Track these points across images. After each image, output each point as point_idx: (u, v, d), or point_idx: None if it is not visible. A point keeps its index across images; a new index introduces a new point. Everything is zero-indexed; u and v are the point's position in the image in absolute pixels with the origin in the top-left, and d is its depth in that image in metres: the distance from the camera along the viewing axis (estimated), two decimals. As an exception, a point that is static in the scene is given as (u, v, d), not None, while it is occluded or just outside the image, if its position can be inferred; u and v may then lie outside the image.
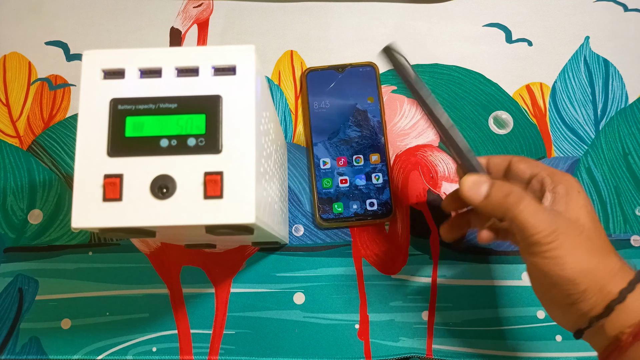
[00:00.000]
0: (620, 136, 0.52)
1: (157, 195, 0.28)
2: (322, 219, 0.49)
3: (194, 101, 0.29)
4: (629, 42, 0.55)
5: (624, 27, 0.55)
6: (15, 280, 0.48)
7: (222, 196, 0.28)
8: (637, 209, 0.50)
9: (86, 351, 0.46)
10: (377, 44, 0.55)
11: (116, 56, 0.29)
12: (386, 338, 0.46)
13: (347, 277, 0.48)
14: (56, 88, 0.54)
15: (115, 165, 0.28)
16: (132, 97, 0.29)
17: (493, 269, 0.48)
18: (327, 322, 0.47)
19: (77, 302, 0.48)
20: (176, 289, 0.48)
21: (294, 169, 0.51)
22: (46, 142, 0.53)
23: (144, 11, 0.57)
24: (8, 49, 0.56)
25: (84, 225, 0.28)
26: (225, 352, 0.46)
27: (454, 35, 0.55)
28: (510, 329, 0.46)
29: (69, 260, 0.49)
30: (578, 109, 0.53)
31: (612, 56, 0.54)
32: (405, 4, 0.57)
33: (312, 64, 0.54)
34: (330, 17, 0.56)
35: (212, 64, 0.29)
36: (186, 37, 0.56)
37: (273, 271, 0.48)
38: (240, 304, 0.47)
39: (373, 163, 0.50)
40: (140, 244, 0.49)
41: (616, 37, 0.55)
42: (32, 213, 0.50)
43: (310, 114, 0.52)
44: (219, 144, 0.28)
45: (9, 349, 0.47)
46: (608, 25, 0.55)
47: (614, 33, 0.55)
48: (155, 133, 0.28)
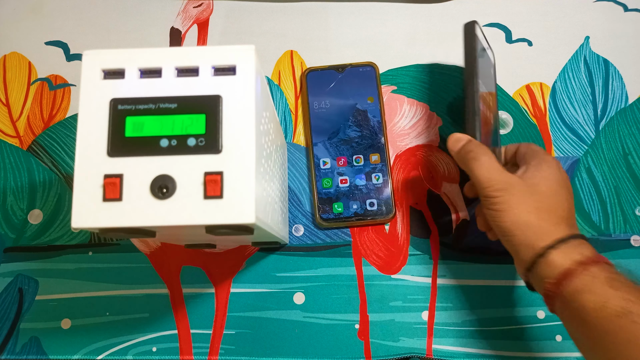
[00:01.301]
0: (620, 136, 0.52)
1: (157, 195, 0.28)
2: (322, 219, 0.49)
3: (194, 101, 0.29)
4: (629, 42, 0.55)
5: (624, 27, 0.55)
6: (15, 280, 0.48)
7: (222, 196, 0.28)
8: (637, 209, 0.50)
9: (86, 351, 0.46)
10: (377, 44, 0.55)
11: (116, 56, 0.29)
12: (386, 338, 0.46)
13: (347, 277, 0.48)
14: (56, 88, 0.54)
15: (115, 165, 0.28)
16: (132, 97, 0.29)
17: (493, 269, 0.48)
18: (327, 322, 0.47)
19: (77, 302, 0.48)
20: (176, 289, 0.48)
21: (294, 169, 0.51)
22: (46, 142, 0.53)
23: (144, 11, 0.57)
24: (8, 49, 0.56)
25: (84, 225, 0.28)
26: (225, 352, 0.46)
27: (454, 35, 0.55)
28: (510, 329, 0.46)
29: (69, 260, 0.49)
30: (578, 109, 0.53)
31: (612, 56, 0.54)
32: (405, 4, 0.57)
33: (312, 64, 0.54)
34: (330, 17, 0.56)
35: (212, 64, 0.29)
36: (186, 37, 0.56)
37: (273, 271, 0.48)
38: (240, 304, 0.47)
39: (373, 163, 0.50)
40: (140, 244, 0.49)
41: (616, 37, 0.55)
42: (32, 213, 0.50)
43: (310, 114, 0.52)
44: (219, 144, 0.28)
45: (9, 349, 0.47)
46: (608, 25, 0.55)
47: (614, 33, 0.55)
48: (155, 133, 0.28)
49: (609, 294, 0.33)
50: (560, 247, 0.36)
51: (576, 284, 0.34)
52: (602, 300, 0.33)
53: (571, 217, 0.39)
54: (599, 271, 0.34)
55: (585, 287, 0.34)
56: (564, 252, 0.36)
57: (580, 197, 0.50)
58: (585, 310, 0.33)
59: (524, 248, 0.37)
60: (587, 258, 0.35)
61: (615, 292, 0.33)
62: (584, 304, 0.33)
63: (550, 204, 0.38)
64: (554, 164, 0.40)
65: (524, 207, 0.37)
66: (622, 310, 0.32)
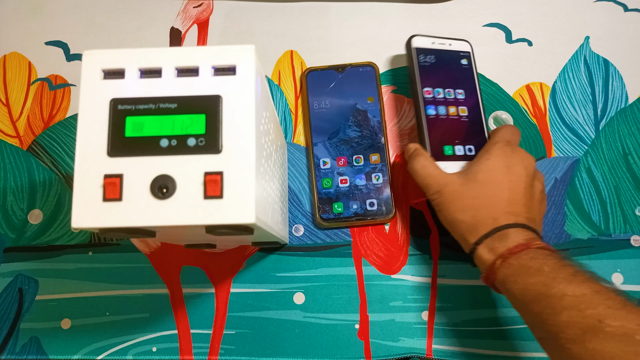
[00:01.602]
0: (620, 136, 0.52)
1: (157, 195, 0.28)
2: (322, 219, 0.49)
3: (194, 101, 0.29)
4: (629, 42, 0.55)
5: (624, 27, 0.55)
6: (15, 280, 0.48)
7: (222, 196, 0.28)
8: (637, 209, 0.50)
9: (86, 351, 0.46)
10: (377, 44, 0.55)
11: (116, 56, 0.29)
12: (386, 338, 0.46)
13: (347, 277, 0.48)
14: (56, 88, 0.54)
15: (115, 165, 0.28)
16: (132, 97, 0.29)
17: (493, 269, 0.48)
18: (327, 322, 0.47)
19: (77, 302, 0.48)
20: (176, 289, 0.48)
21: (294, 169, 0.51)
22: (46, 142, 0.53)
23: (144, 11, 0.57)
24: (8, 49, 0.56)
25: (84, 225, 0.28)
26: (225, 352, 0.46)
27: (454, 35, 0.55)
28: (510, 329, 0.46)
29: (69, 260, 0.49)
30: (578, 109, 0.53)
31: (612, 56, 0.54)
32: (405, 4, 0.57)
33: (312, 64, 0.54)
34: (330, 17, 0.56)
35: (212, 64, 0.29)
36: (186, 37, 0.56)
37: (273, 271, 0.48)
38: (240, 304, 0.47)
39: (373, 163, 0.50)
40: (140, 244, 0.49)
41: (616, 37, 0.55)
42: (32, 213, 0.50)
43: (310, 114, 0.52)
44: (219, 144, 0.28)
45: (9, 349, 0.47)
46: (608, 25, 0.55)
47: (614, 33, 0.55)
48: (155, 133, 0.28)
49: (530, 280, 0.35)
50: (485, 242, 0.39)
51: (500, 275, 0.37)
52: (524, 287, 0.36)
53: (513, 205, 0.40)
54: (518, 260, 0.37)
55: (509, 278, 0.37)
56: (488, 247, 0.39)
57: (580, 197, 0.50)
58: (514, 297, 0.36)
59: (462, 243, 0.41)
60: (507, 249, 0.37)
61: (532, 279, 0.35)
62: (512, 292, 0.36)
63: (487, 196, 0.40)
64: (497, 152, 0.42)
65: (458, 206, 0.41)
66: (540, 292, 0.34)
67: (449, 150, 0.46)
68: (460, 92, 0.49)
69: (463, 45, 0.51)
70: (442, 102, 0.48)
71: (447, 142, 0.47)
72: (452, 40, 0.51)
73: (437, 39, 0.50)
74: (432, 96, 0.48)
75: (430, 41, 0.50)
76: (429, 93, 0.48)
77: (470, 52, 0.51)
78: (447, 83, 0.49)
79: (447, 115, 0.48)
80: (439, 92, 0.48)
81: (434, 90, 0.48)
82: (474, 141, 0.47)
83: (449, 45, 0.51)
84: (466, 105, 0.49)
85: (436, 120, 0.47)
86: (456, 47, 0.51)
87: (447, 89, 0.49)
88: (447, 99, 0.48)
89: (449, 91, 0.49)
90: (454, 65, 0.50)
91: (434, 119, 0.47)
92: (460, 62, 0.51)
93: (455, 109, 0.48)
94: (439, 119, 0.47)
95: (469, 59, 0.51)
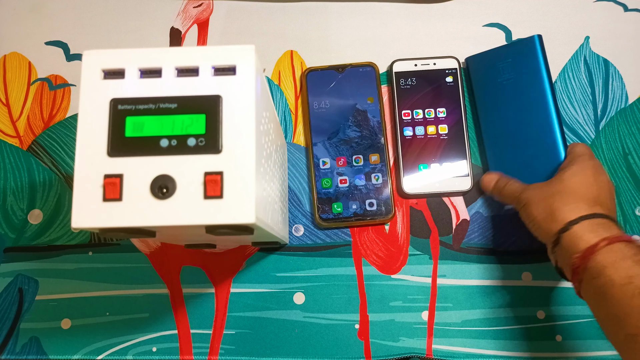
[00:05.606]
0: (620, 136, 0.52)
1: (157, 195, 0.28)
2: (322, 219, 0.49)
3: (194, 101, 0.29)
4: (629, 42, 0.55)
5: (624, 27, 0.55)
6: (15, 280, 0.49)
7: (222, 196, 0.28)
8: (637, 209, 0.50)
9: (86, 351, 0.46)
10: (377, 44, 0.55)
11: (116, 56, 0.29)
12: (386, 338, 0.46)
13: (347, 277, 0.48)
14: (56, 88, 0.54)
15: (115, 165, 0.28)
16: (132, 97, 0.29)
17: (493, 269, 0.48)
18: (327, 322, 0.47)
19: (77, 302, 0.48)
20: (176, 289, 0.48)
21: (294, 169, 0.51)
22: (46, 142, 0.53)
23: (144, 11, 0.57)
24: (8, 49, 0.56)
25: (84, 225, 0.28)
26: (225, 352, 0.46)
27: (454, 35, 0.55)
28: (510, 329, 0.46)
29: (69, 260, 0.49)
30: (578, 109, 0.53)
31: (612, 56, 0.54)
32: (405, 4, 0.57)
33: (312, 64, 0.54)
34: (330, 17, 0.56)
35: (212, 64, 0.29)
36: (186, 37, 0.56)
37: (273, 271, 0.48)
38: (240, 304, 0.47)
39: (373, 163, 0.50)
40: (140, 244, 0.49)
41: (616, 37, 0.55)
42: (32, 213, 0.50)
43: (310, 114, 0.52)
44: (219, 144, 0.28)
45: (9, 349, 0.47)
46: (608, 25, 0.55)
47: (614, 33, 0.55)
48: (155, 133, 0.28)
49: (635, 270, 0.33)
50: (583, 223, 0.37)
51: (602, 258, 0.34)
52: (628, 275, 0.33)
53: (602, 199, 0.39)
54: (625, 248, 0.34)
55: (612, 263, 0.34)
56: (589, 228, 0.37)
57: (581, 197, 0.50)
58: (611, 284, 0.33)
59: (545, 236, 0.40)
60: (612, 235, 0.35)
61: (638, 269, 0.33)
62: (611, 278, 0.33)
63: (575, 187, 0.40)
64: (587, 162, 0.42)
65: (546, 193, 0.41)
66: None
67: (424, 168, 0.50)
68: (441, 110, 0.51)
69: (449, 63, 0.53)
70: (421, 123, 0.51)
71: (422, 160, 0.50)
72: (438, 59, 0.53)
73: (421, 60, 0.52)
74: (410, 118, 0.51)
75: (412, 64, 0.52)
76: (407, 115, 0.51)
77: (457, 69, 0.52)
78: (427, 103, 0.51)
79: (424, 135, 0.51)
80: (418, 112, 0.51)
81: (412, 112, 0.51)
82: (452, 157, 0.50)
83: (434, 64, 0.52)
84: (447, 123, 0.51)
85: (413, 140, 0.50)
86: (441, 65, 0.53)
87: (427, 109, 0.51)
88: (427, 119, 0.51)
89: (429, 111, 0.51)
90: (437, 85, 0.52)
91: (410, 139, 0.50)
92: (445, 80, 0.52)
93: (435, 128, 0.51)
94: (417, 138, 0.50)
95: (455, 75, 0.52)
